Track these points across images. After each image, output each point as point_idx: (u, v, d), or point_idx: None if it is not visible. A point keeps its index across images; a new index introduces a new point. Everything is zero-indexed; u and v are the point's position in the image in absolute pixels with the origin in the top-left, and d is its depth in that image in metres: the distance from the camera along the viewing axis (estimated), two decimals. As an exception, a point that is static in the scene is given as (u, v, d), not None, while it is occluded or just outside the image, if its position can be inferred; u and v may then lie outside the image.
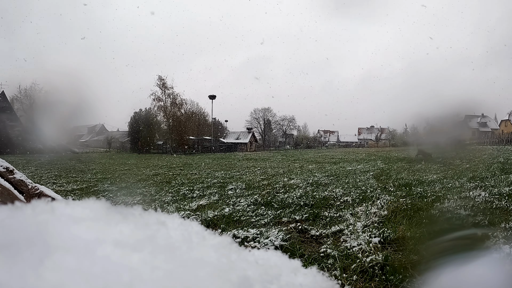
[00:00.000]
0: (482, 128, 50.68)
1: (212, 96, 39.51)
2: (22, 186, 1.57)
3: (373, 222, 2.67)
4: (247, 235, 2.53)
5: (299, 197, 4.12)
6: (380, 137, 64.47)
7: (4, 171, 1.56)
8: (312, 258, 2.01)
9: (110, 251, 0.49)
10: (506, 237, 2.05)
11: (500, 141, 26.86)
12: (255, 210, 3.56)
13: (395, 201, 3.48)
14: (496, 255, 1.72)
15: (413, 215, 2.83)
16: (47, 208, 0.60)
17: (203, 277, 0.50)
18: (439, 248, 1.57)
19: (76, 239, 0.50)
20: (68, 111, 2.17)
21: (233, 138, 54.53)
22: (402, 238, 2.19)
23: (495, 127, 53.44)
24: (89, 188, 6.24)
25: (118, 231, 0.57)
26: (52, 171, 10.28)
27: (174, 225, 0.68)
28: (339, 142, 69.39)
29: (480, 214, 2.70)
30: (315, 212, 3.21)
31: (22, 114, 33.15)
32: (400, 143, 16.89)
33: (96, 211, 0.64)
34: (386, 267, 1.74)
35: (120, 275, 0.45)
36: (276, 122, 65.10)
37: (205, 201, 4.24)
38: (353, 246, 2.11)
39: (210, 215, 3.36)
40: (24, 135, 26.75)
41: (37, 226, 0.52)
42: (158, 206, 4.23)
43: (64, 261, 0.44)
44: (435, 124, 2.39)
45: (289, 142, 64.06)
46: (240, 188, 5.35)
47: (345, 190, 4.48)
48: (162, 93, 39.77)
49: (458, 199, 3.45)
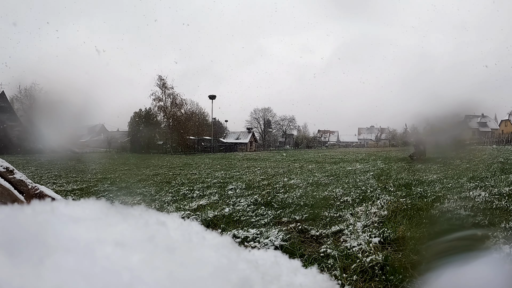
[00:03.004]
0: (482, 128, 50.69)
1: (212, 96, 39.51)
2: (22, 186, 1.57)
3: (373, 222, 2.67)
4: (247, 235, 2.53)
5: (299, 197, 4.12)
6: (380, 137, 64.50)
7: (4, 171, 1.56)
8: (312, 258, 2.01)
9: (110, 251, 0.49)
10: (506, 237, 2.05)
11: (500, 141, 26.86)
12: (255, 210, 3.55)
13: (395, 201, 3.48)
14: (496, 255, 1.72)
15: (413, 215, 2.83)
16: (47, 208, 0.60)
17: (203, 277, 0.50)
18: (439, 248, 1.57)
19: (76, 239, 0.50)
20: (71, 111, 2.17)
21: (233, 138, 54.55)
22: (402, 238, 2.19)
23: (495, 127, 53.44)
24: (89, 188, 6.24)
25: (118, 231, 0.56)
26: (52, 171, 10.28)
27: (174, 225, 0.68)
28: (339, 142, 69.41)
29: (480, 214, 2.70)
30: (315, 212, 3.20)
31: (22, 114, 33.15)
32: (400, 143, 16.92)
33: (96, 211, 0.64)
34: (386, 267, 1.74)
35: (120, 275, 0.45)
36: (276, 122, 65.19)
37: (205, 201, 4.24)
38: (353, 246, 2.11)
39: (210, 215, 3.36)
40: (24, 135, 26.75)
41: (37, 226, 0.52)
42: (158, 206, 4.22)
43: (64, 261, 0.44)
44: (435, 124, 2.39)
45: (289, 142, 64.06)
46: (240, 188, 5.35)
47: (345, 190, 4.48)
48: (162, 93, 39.83)
49: (458, 199, 3.45)
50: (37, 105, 27.22)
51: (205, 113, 46.36)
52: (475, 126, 49.78)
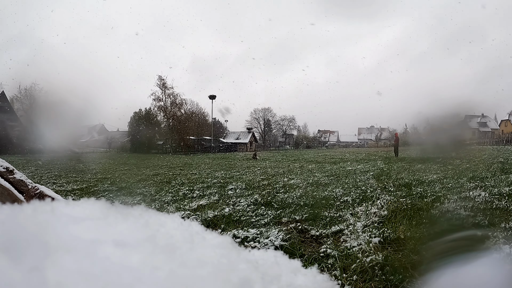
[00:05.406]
0: (482, 128, 50.69)
1: (212, 96, 39.50)
2: (22, 186, 1.57)
3: (373, 222, 2.67)
4: (247, 235, 2.53)
5: (299, 197, 4.12)
6: (380, 137, 64.48)
7: (4, 171, 1.56)
8: (312, 258, 2.01)
9: (110, 251, 0.49)
10: (506, 237, 2.05)
11: (500, 141, 26.86)
12: (255, 210, 3.55)
13: (395, 201, 3.48)
14: (496, 255, 1.72)
15: (413, 215, 2.83)
16: (47, 208, 0.60)
17: (203, 277, 0.50)
18: (439, 248, 1.57)
19: (76, 239, 0.50)
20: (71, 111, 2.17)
21: (233, 138, 54.56)
22: (402, 238, 2.19)
23: (495, 127, 53.44)
24: (89, 188, 6.24)
25: (118, 231, 0.56)
26: (52, 171, 10.28)
27: (174, 225, 0.68)
28: (339, 142, 69.39)
29: (480, 214, 2.70)
30: (315, 212, 3.20)
31: (22, 114, 33.14)
32: (400, 143, 16.93)
33: (96, 211, 0.64)
34: (386, 267, 1.74)
35: (120, 275, 0.45)
36: (276, 122, 65.18)
37: (205, 201, 4.24)
38: (353, 246, 2.11)
39: (210, 215, 3.36)
40: (24, 135, 26.73)
41: (37, 226, 0.52)
42: (158, 206, 4.22)
43: (64, 261, 0.44)
44: (435, 123, 2.39)
45: (289, 142, 64.06)
46: (240, 188, 5.35)
47: (345, 190, 4.48)
48: (162, 93, 39.84)
49: (458, 199, 3.45)
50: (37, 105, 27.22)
51: (205, 113, 46.43)
52: (475, 126, 49.79)
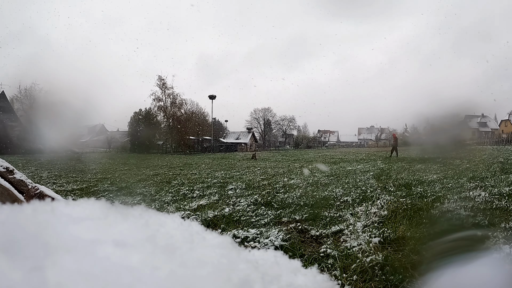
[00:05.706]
0: (482, 128, 50.69)
1: (212, 96, 39.51)
2: (22, 186, 1.57)
3: (373, 222, 2.67)
4: (247, 235, 2.53)
5: (299, 197, 4.12)
6: (380, 137, 64.47)
7: (4, 171, 1.56)
8: (312, 258, 2.01)
9: (110, 251, 0.49)
10: (506, 237, 2.05)
11: (500, 141, 26.85)
12: (255, 210, 3.55)
13: (395, 201, 3.48)
14: (496, 255, 1.72)
15: (413, 215, 2.83)
16: (47, 208, 0.60)
17: (203, 277, 0.50)
18: (439, 248, 1.57)
19: (76, 239, 0.50)
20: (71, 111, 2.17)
21: (233, 138, 54.58)
22: (402, 238, 2.19)
23: (495, 127, 53.43)
24: (89, 188, 6.24)
25: (118, 231, 0.56)
26: (52, 171, 10.28)
27: (174, 225, 0.68)
28: (339, 142, 69.38)
29: (480, 214, 2.70)
30: (315, 212, 3.20)
31: (22, 114, 33.15)
32: (400, 143, 16.94)
33: (96, 211, 0.64)
34: (386, 267, 1.74)
35: (120, 275, 0.45)
36: (276, 122, 65.18)
37: (205, 201, 4.24)
38: (353, 246, 2.11)
39: (210, 215, 3.36)
40: (24, 135, 26.73)
41: (37, 226, 0.51)
42: (158, 206, 4.22)
43: (64, 261, 0.44)
44: (435, 123, 2.39)
45: (289, 142, 64.07)
46: (240, 188, 5.35)
47: (345, 190, 4.48)
48: (162, 93, 39.86)
49: (458, 199, 3.45)
50: (37, 105, 27.21)
51: (205, 113, 46.43)
52: (475, 126, 49.80)
